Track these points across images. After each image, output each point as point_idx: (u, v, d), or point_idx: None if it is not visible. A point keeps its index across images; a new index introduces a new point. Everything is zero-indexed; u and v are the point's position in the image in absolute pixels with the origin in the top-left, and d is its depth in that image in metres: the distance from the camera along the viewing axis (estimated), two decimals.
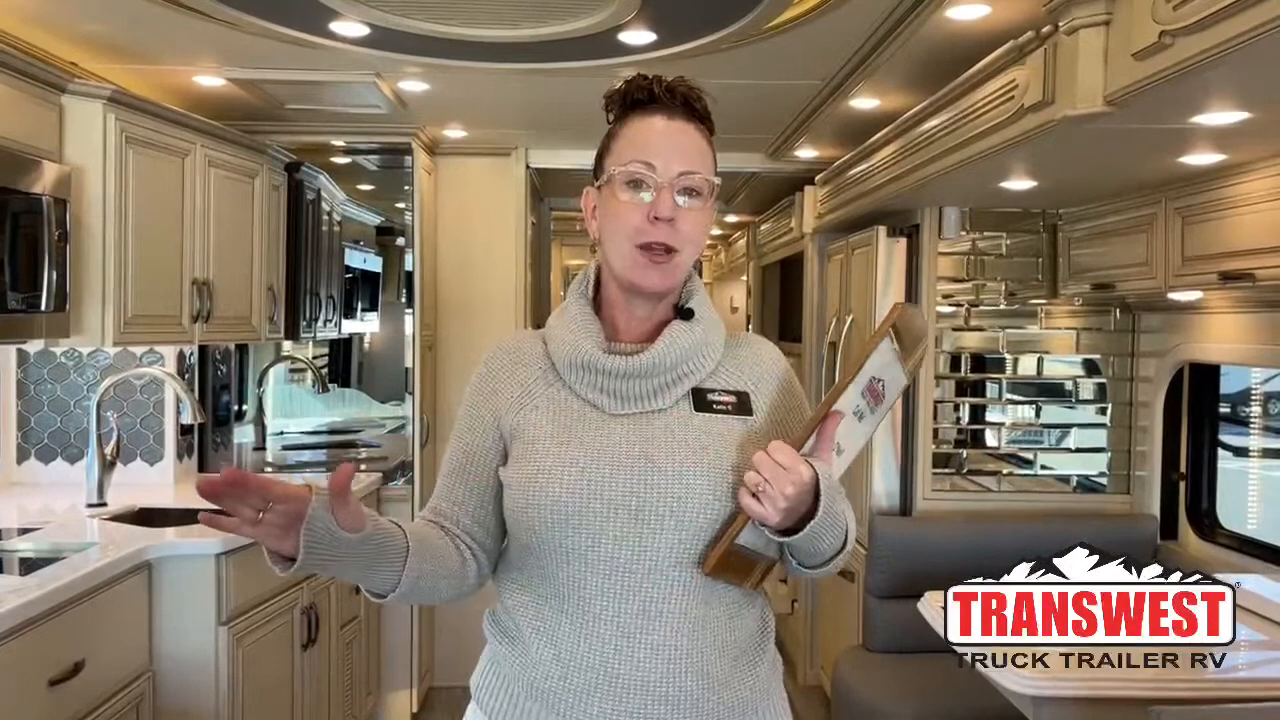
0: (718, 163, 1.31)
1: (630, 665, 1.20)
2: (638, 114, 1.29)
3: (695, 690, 1.21)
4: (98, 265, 2.76)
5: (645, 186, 1.24)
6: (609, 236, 1.27)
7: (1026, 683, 2.11)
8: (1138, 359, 3.38)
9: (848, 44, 2.67)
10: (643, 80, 1.29)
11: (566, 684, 1.22)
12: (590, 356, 1.26)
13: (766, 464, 1.16)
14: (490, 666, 1.32)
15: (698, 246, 1.28)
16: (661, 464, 1.22)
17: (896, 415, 3.43)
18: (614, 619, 1.20)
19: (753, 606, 1.31)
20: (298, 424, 4.79)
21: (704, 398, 1.28)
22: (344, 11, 2.38)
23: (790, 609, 4.68)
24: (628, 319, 1.31)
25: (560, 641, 1.23)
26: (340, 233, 4.56)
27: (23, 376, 3.31)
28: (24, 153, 2.51)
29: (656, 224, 1.23)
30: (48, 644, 2.09)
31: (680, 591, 1.21)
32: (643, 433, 1.24)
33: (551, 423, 1.26)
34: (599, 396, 1.26)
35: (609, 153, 1.29)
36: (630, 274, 1.26)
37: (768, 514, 1.16)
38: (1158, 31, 1.60)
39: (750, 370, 1.34)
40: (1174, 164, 2.40)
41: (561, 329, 1.31)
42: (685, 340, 1.27)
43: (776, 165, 4.34)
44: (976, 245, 3.42)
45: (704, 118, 1.31)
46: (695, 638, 1.22)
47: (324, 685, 3.21)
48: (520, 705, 1.26)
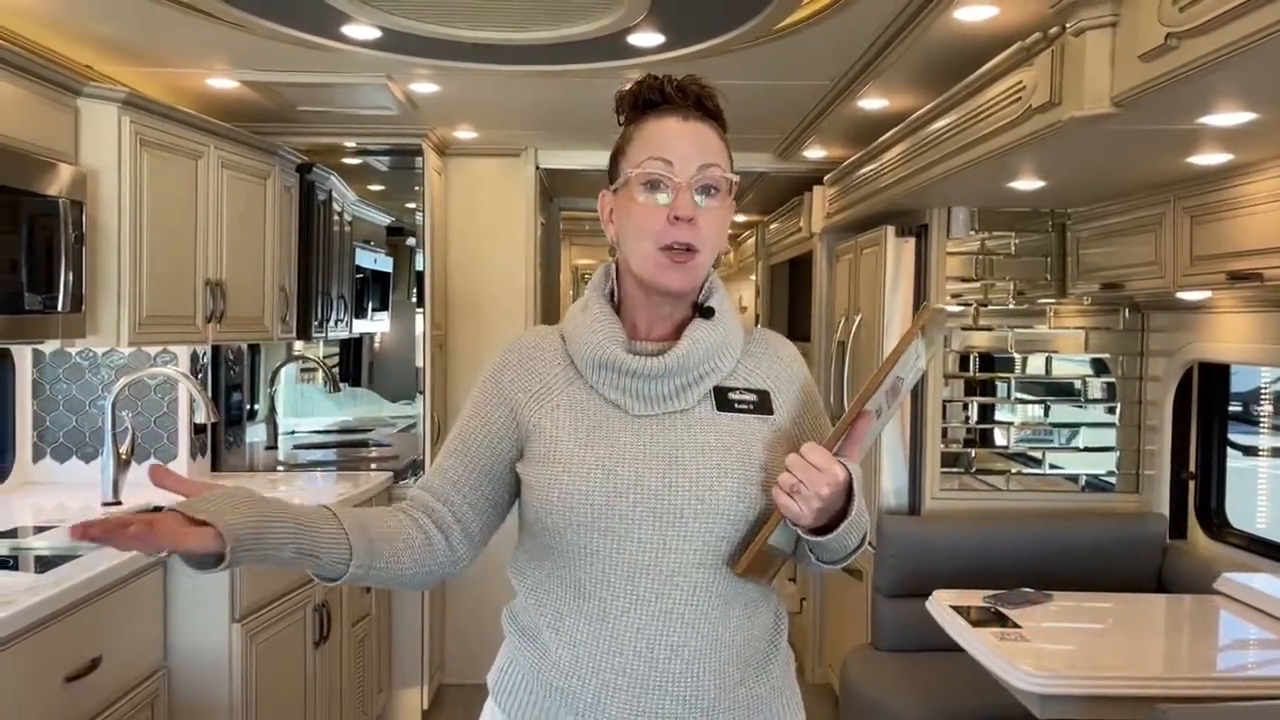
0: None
1: (648, 666, 1.20)
2: (651, 115, 1.28)
3: (712, 690, 1.22)
4: (113, 266, 2.79)
5: (663, 187, 1.24)
6: (628, 239, 1.27)
7: (1033, 680, 2.12)
8: (1147, 358, 3.38)
9: (856, 45, 2.68)
10: (654, 81, 1.29)
11: (584, 684, 1.22)
12: (614, 357, 1.25)
13: (800, 465, 1.17)
14: (509, 664, 1.33)
15: (717, 245, 1.28)
16: (686, 465, 1.22)
17: (905, 414, 3.44)
18: (634, 620, 1.21)
19: (767, 604, 1.32)
20: (309, 423, 4.82)
21: (725, 397, 1.28)
22: (355, 15, 2.40)
23: (799, 607, 4.69)
24: (648, 318, 1.30)
25: (579, 642, 1.23)
26: (351, 233, 4.58)
27: (38, 376, 3.35)
28: (40, 155, 2.54)
29: (677, 224, 1.22)
30: (64, 641, 2.12)
31: (702, 593, 1.22)
32: (666, 433, 1.24)
33: (573, 422, 1.26)
34: (622, 397, 1.26)
35: (624, 155, 1.29)
36: (652, 276, 1.25)
37: (803, 514, 1.16)
38: (1164, 34, 1.60)
39: (769, 368, 1.34)
40: (1182, 164, 2.40)
41: (583, 328, 1.30)
42: (708, 340, 1.27)
43: (785, 165, 4.35)
44: (986, 245, 3.43)
45: (717, 116, 1.31)
46: (713, 638, 1.22)
47: (336, 682, 3.24)
48: (540, 704, 1.26)
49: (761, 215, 5.84)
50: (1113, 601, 2.76)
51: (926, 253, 3.41)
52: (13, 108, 2.44)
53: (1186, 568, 3.05)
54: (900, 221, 3.48)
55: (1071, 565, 3.13)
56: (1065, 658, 2.30)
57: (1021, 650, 2.26)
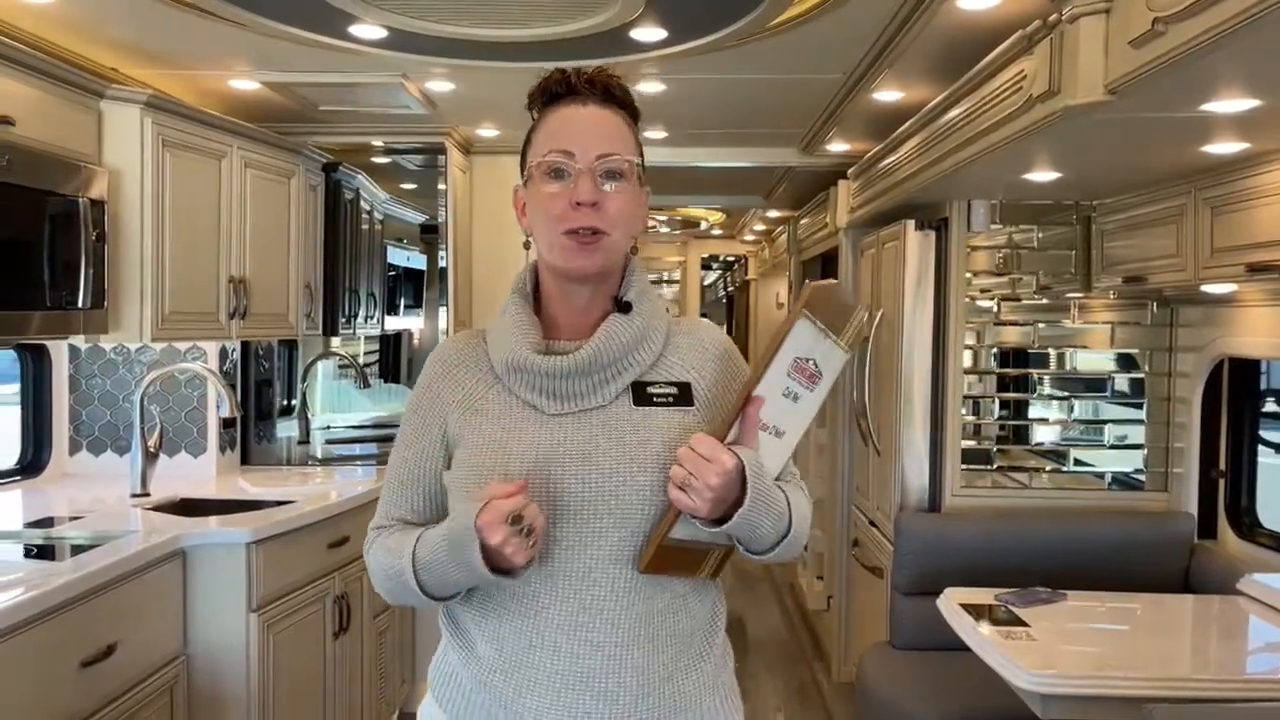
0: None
1: (569, 661, 1.20)
2: (554, 106, 1.29)
3: (634, 686, 1.21)
4: (136, 264, 2.87)
5: (565, 175, 1.24)
6: (537, 229, 1.28)
7: (1035, 680, 2.09)
8: (1176, 353, 3.30)
9: (863, 36, 2.66)
10: (560, 74, 1.29)
11: (507, 679, 1.23)
12: (524, 358, 1.25)
13: (689, 457, 1.16)
14: (442, 658, 1.35)
15: (629, 228, 1.28)
16: (599, 461, 1.22)
17: (925, 410, 3.39)
18: (554, 617, 1.21)
19: (703, 598, 1.31)
20: (345, 418, 4.91)
21: (644, 391, 1.27)
22: (360, 15, 2.44)
23: (825, 605, 4.66)
24: (567, 313, 1.31)
25: (502, 638, 1.24)
26: (382, 231, 4.65)
27: (74, 371, 3.45)
28: (65, 157, 2.62)
29: (579, 209, 1.22)
30: (80, 626, 2.18)
31: (622, 588, 1.21)
32: (581, 431, 1.24)
33: (492, 426, 1.27)
34: (537, 397, 1.26)
35: (530, 147, 1.30)
36: (559, 259, 1.25)
37: (696, 506, 1.16)
38: (1151, 18, 1.57)
39: (693, 357, 1.32)
40: (1197, 153, 2.34)
41: (498, 330, 1.31)
42: (622, 334, 1.26)
43: (810, 160, 4.33)
44: (1013, 239, 3.37)
45: (624, 103, 1.30)
46: (636, 633, 1.22)
47: (357, 673, 3.29)
48: (469, 697, 1.28)
49: (792, 210, 5.80)
50: (1136, 602, 2.70)
51: (947, 247, 3.36)
52: (37, 111, 2.53)
53: (1215, 568, 2.96)
54: (922, 215, 3.44)
55: (1095, 564, 3.06)
56: (1071, 658, 2.25)
57: (1025, 649, 2.22)
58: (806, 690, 4.39)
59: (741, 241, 8.79)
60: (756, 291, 8.87)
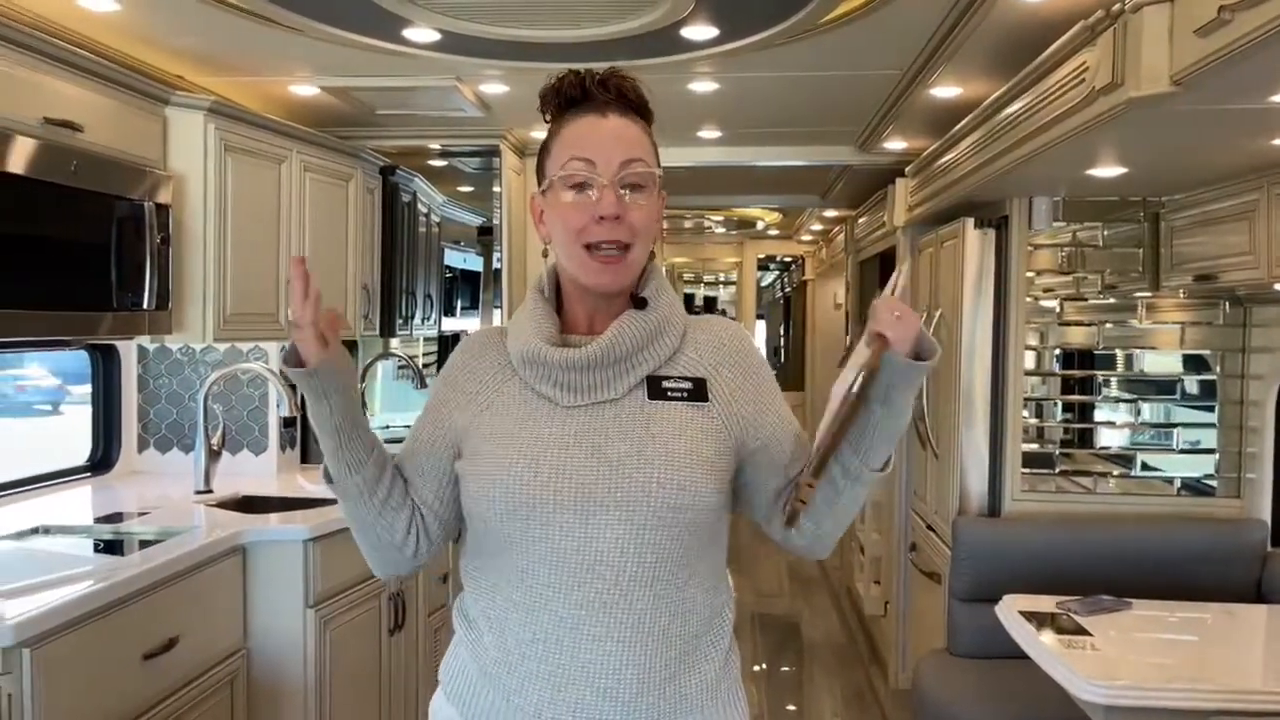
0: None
1: (570, 656, 1.20)
2: (573, 113, 1.28)
3: (634, 684, 1.20)
4: (199, 266, 2.94)
5: (587, 187, 1.24)
6: (558, 240, 1.28)
7: (1098, 691, 2.03)
8: (1249, 354, 3.18)
9: (919, 32, 2.61)
10: (574, 77, 1.28)
11: (510, 672, 1.24)
12: (538, 351, 1.26)
13: (892, 304, 1.22)
14: (452, 651, 1.36)
15: (649, 238, 1.28)
16: (608, 454, 1.22)
17: (985, 413, 3.32)
18: (559, 610, 1.21)
19: (709, 596, 1.29)
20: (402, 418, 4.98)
21: (658, 385, 1.27)
22: (414, 19, 2.46)
23: (883, 611, 4.59)
24: (588, 311, 1.32)
25: (508, 631, 1.25)
26: (440, 233, 4.70)
27: (142, 371, 3.55)
28: (131, 163, 2.70)
29: (603, 223, 1.22)
30: (143, 620, 2.24)
31: (627, 583, 1.20)
32: (593, 424, 1.24)
33: (505, 417, 1.28)
34: (551, 389, 1.27)
35: (549, 155, 1.29)
36: (582, 276, 1.26)
37: (907, 334, 1.21)
38: (1216, 6, 1.51)
39: (711, 354, 1.32)
40: (1269, 146, 2.25)
41: (517, 325, 1.32)
42: (635, 330, 1.26)
43: (867, 158, 4.27)
44: (1077, 236, 3.28)
45: (640, 109, 1.30)
46: (639, 630, 1.21)
47: (412, 669, 3.33)
48: (475, 689, 1.29)
49: (850, 209, 5.73)
50: (1206, 612, 2.61)
51: (1007, 245, 3.28)
52: (105, 118, 2.61)
53: None
54: (981, 213, 3.37)
55: (1163, 573, 2.97)
56: (1137, 669, 2.18)
57: (1089, 659, 2.16)
58: (863, 696, 4.33)
59: (798, 242, 8.71)
60: (814, 292, 8.79)
